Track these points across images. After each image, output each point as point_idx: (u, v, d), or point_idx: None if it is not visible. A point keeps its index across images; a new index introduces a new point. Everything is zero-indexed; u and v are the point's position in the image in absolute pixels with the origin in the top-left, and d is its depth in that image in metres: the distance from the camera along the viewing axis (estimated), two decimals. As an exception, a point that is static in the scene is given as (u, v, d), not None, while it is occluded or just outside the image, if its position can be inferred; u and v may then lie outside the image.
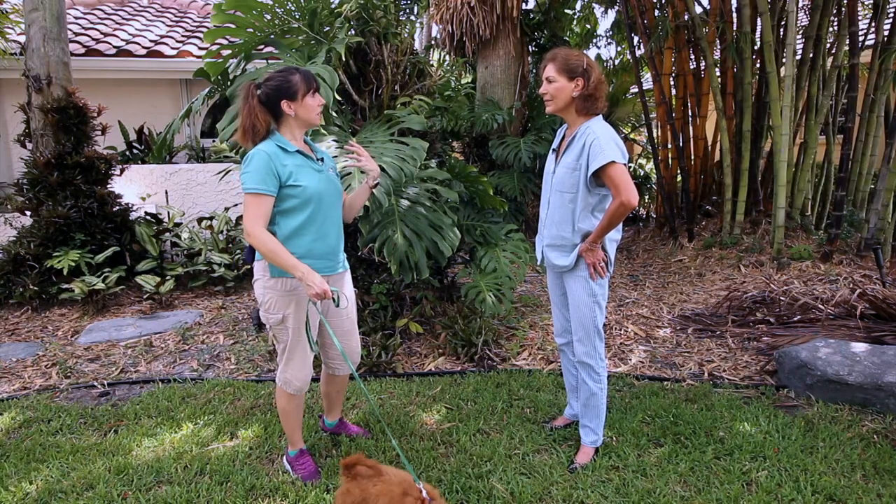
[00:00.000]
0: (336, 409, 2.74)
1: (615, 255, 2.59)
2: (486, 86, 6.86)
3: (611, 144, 2.26)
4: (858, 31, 5.44)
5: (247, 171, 2.06)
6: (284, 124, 2.18)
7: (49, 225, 5.02)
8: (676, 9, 6.32)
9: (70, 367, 3.74)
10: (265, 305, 2.25)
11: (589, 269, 2.40)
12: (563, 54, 2.35)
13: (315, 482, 2.39)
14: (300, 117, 2.16)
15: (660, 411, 2.94)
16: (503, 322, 4.30)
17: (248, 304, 5.01)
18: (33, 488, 2.39)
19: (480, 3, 6.39)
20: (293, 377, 2.34)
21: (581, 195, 2.35)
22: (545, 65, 2.38)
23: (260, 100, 2.11)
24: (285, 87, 2.11)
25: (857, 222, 5.60)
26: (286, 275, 2.17)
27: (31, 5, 5.18)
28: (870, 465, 2.44)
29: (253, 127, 2.10)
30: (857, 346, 3.17)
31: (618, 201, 2.24)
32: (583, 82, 2.31)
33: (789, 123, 5.27)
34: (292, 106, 2.13)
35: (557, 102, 2.37)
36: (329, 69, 3.39)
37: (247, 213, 2.07)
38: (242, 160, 2.11)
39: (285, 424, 2.44)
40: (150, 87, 8.37)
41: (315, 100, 2.18)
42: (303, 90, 2.13)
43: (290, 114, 2.14)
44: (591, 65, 2.34)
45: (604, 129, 2.32)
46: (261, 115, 2.11)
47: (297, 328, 2.26)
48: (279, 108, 2.13)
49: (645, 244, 6.89)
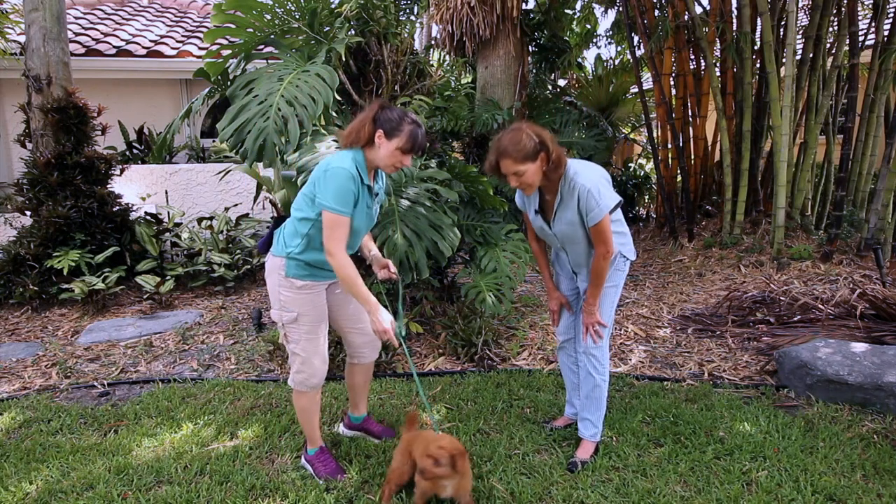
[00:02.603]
0: (362, 403, 2.73)
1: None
2: (486, 86, 6.86)
3: (602, 193, 2.24)
4: (858, 31, 5.45)
5: (331, 190, 2.09)
6: (369, 150, 2.22)
7: (49, 225, 5.02)
8: (676, 9, 6.32)
9: (70, 367, 3.74)
10: (279, 303, 2.27)
11: (588, 331, 2.47)
12: (510, 144, 2.19)
13: (340, 478, 2.39)
14: (379, 155, 2.20)
15: (660, 411, 2.94)
16: (503, 322, 4.30)
17: (248, 304, 5.02)
18: (33, 488, 2.39)
19: (480, 3, 6.38)
20: (310, 374, 2.36)
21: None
22: (498, 160, 2.23)
23: (375, 117, 2.19)
24: (394, 125, 2.17)
25: (857, 222, 5.60)
26: (301, 275, 2.22)
27: (31, 5, 5.18)
28: (870, 465, 2.44)
29: (358, 134, 2.18)
30: (857, 346, 3.17)
31: (603, 249, 2.29)
32: (545, 154, 2.21)
33: (789, 123, 5.27)
34: (382, 142, 2.18)
35: (534, 184, 2.29)
36: (329, 69, 3.39)
37: (331, 234, 2.12)
38: (323, 172, 2.12)
39: (305, 423, 2.45)
40: (150, 87, 8.38)
41: (401, 157, 2.20)
42: (401, 141, 2.17)
43: (377, 144, 2.19)
44: (536, 132, 2.21)
45: (587, 175, 2.27)
46: (368, 127, 2.18)
47: (312, 325, 2.30)
48: (374, 134, 2.18)
49: (645, 244, 6.89)
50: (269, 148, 3.20)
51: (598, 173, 2.33)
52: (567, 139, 6.90)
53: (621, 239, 2.46)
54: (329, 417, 2.97)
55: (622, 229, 2.47)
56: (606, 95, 8.49)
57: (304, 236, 2.22)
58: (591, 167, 2.34)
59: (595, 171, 2.32)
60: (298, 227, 2.23)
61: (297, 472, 2.47)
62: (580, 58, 8.83)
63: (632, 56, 6.92)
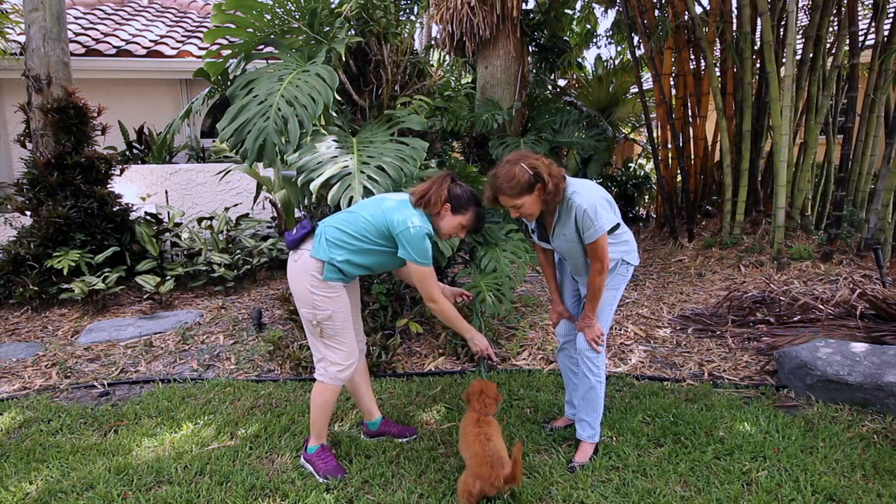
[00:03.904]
0: (373, 406, 2.75)
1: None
2: (486, 86, 6.86)
3: (598, 213, 2.26)
4: (858, 31, 5.45)
5: (419, 249, 2.29)
6: (435, 217, 2.42)
7: (49, 225, 5.02)
8: (676, 9, 6.32)
9: (70, 367, 3.74)
10: (314, 304, 2.34)
11: (589, 343, 2.50)
12: (505, 182, 2.24)
13: (340, 477, 2.40)
14: (442, 224, 2.42)
15: (660, 411, 2.94)
16: (503, 322, 4.30)
17: (248, 304, 5.02)
18: (33, 488, 2.39)
19: (480, 3, 6.39)
20: (346, 365, 2.43)
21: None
22: (495, 196, 2.31)
23: (449, 190, 2.39)
24: (462, 203, 2.40)
25: (857, 222, 5.60)
26: (337, 279, 2.34)
27: (31, 5, 5.18)
28: (870, 465, 2.44)
29: (430, 201, 2.36)
30: (857, 346, 3.17)
31: (599, 266, 2.33)
32: (541, 185, 2.24)
33: (789, 123, 5.27)
34: (447, 214, 2.40)
35: (534, 213, 2.35)
36: (329, 69, 3.39)
37: (427, 284, 2.35)
38: (410, 228, 2.30)
39: (319, 418, 2.48)
40: (150, 87, 8.38)
41: (460, 231, 2.45)
42: (466, 220, 2.42)
43: (442, 216, 2.40)
44: (531, 165, 2.22)
45: (585, 195, 2.29)
46: (442, 199, 2.37)
47: (345, 321, 2.40)
48: (442, 207, 2.38)
49: (645, 244, 6.89)
50: (269, 148, 3.20)
51: (597, 194, 2.36)
52: (567, 139, 6.90)
53: (624, 247, 2.49)
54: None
55: (626, 237, 2.51)
56: (606, 95, 8.49)
57: (353, 252, 2.33)
58: (591, 187, 2.37)
59: (593, 192, 2.35)
60: (350, 242, 2.32)
61: (297, 472, 2.47)
62: (580, 58, 8.83)
63: (632, 56, 6.91)
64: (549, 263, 2.72)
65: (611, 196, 2.45)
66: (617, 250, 2.45)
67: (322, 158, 3.29)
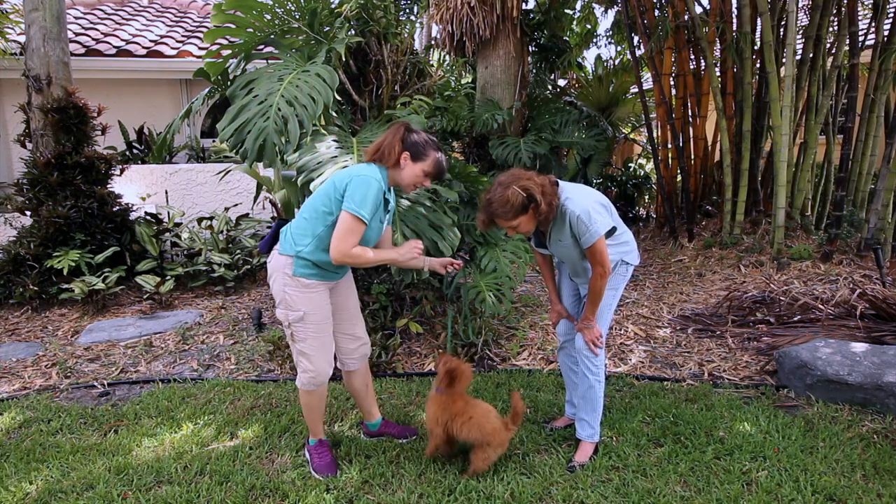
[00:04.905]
0: (373, 408, 2.73)
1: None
2: (486, 86, 6.85)
3: (592, 219, 2.27)
4: (858, 31, 5.44)
5: (360, 195, 2.16)
6: (392, 169, 2.33)
7: (49, 225, 5.02)
8: (676, 9, 6.32)
9: (70, 367, 3.74)
10: (286, 302, 2.30)
11: (587, 345, 2.51)
12: (499, 207, 2.25)
13: (329, 475, 2.40)
14: (402, 175, 2.32)
15: (660, 411, 2.94)
16: (503, 322, 4.30)
17: (248, 304, 5.01)
18: (33, 488, 2.39)
19: (480, 3, 6.38)
20: (316, 373, 2.38)
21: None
22: (490, 219, 2.32)
23: (402, 139, 2.30)
24: (420, 149, 2.30)
25: (857, 222, 5.60)
26: (308, 274, 2.25)
27: (31, 5, 5.18)
28: (870, 465, 2.44)
29: (384, 153, 2.28)
30: (857, 346, 3.17)
31: (600, 270, 2.34)
32: (535, 205, 2.25)
33: (789, 123, 5.27)
34: (407, 163, 2.30)
35: (531, 229, 2.38)
36: (329, 69, 3.39)
37: (343, 237, 2.16)
38: (354, 177, 2.20)
39: (308, 417, 2.50)
40: (150, 87, 8.38)
41: (423, 179, 2.34)
42: (427, 166, 2.32)
43: (402, 166, 2.31)
44: (523, 187, 2.23)
45: (578, 200, 2.31)
46: (397, 149, 2.29)
47: (318, 324, 2.33)
48: (401, 156, 2.29)
49: (645, 244, 6.89)
50: (269, 148, 3.20)
51: (591, 198, 2.36)
52: (567, 139, 6.89)
53: (624, 248, 2.51)
54: (329, 417, 2.97)
55: (626, 238, 2.52)
56: (606, 95, 8.49)
57: (316, 236, 2.24)
58: (584, 192, 2.38)
59: (586, 196, 2.36)
60: (310, 227, 2.25)
61: (297, 472, 2.47)
62: (580, 58, 8.82)
63: (632, 56, 6.91)
64: (548, 265, 2.74)
65: (607, 199, 2.45)
66: (616, 251, 2.45)
67: (322, 158, 3.29)
